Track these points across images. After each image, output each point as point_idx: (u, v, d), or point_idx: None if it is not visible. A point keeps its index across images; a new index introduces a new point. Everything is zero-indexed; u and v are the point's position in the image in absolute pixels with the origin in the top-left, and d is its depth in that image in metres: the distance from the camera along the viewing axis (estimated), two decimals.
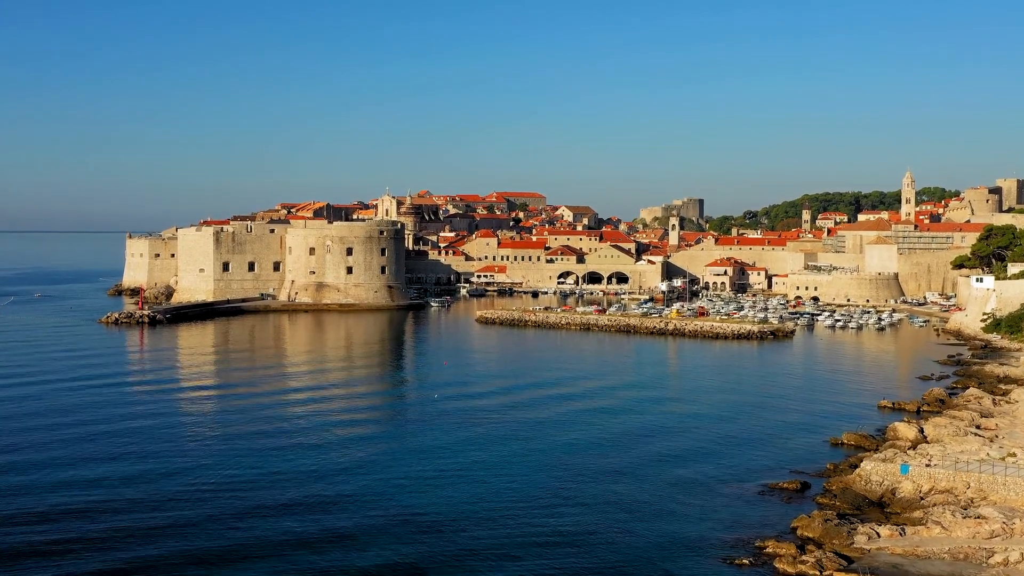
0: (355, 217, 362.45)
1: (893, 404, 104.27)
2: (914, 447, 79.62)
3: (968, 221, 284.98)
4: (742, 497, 69.36)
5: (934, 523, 59.40)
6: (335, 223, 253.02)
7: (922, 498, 66.04)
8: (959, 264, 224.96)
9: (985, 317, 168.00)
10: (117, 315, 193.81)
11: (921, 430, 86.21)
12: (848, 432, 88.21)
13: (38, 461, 78.13)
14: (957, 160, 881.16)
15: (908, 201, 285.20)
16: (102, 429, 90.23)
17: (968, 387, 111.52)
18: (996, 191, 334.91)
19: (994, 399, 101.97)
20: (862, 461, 74.98)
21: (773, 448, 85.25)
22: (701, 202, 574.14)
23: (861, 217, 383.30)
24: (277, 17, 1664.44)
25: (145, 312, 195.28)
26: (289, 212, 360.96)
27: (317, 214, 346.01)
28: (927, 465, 69.17)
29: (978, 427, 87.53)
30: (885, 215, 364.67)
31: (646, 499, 68.65)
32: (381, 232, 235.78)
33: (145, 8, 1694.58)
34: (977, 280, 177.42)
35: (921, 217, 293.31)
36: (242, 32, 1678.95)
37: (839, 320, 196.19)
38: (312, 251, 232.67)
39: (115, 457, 79.63)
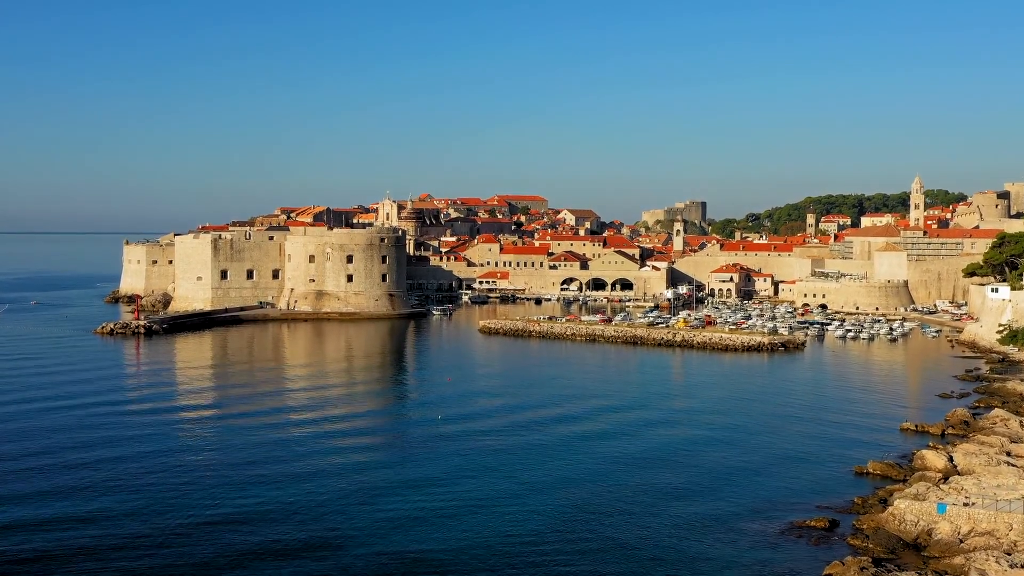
0: (355, 221, 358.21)
1: (916, 427, 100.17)
2: (945, 479, 75.61)
3: (977, 227, 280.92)
4: (767, 538, 65.16)
5: (978, 572, 55.34)
6: (335, 230, 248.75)
7: (961, 540, 61.97)
8: (971, 272, 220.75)
9: (1001, 328, 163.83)
10: (113, 325, 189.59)
11: (950, 458, 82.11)
12: (873, 460, 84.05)
13: (24, 490, 74.16)
14: (961, 163, 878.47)
15: (917, 207, 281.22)
16: (91, 455, 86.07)
17: (992, 407, 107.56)
18: (1004, 196, 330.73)
19: (1021, 421, 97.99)
20: (892, 495, 71.18)
21: (794, 479, 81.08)
22: (704, 204, 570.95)
23: (864, 220, 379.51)
24: (277, 19, 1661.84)
25: (141, 323, 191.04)
26: (289, 217, 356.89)
27: (317, 219, 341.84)
28: (965, 504, 65.09)
29: (1008, 454, 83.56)
30: (889, 218, 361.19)
31: (663, 540, 64.41)
32: (382, 239, 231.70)
33: (145, 8, 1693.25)
34: (992, 290, 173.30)
35: (929, 222, 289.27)
36: (241, 34, 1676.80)
37: (850, 330, 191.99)
38: (312, 259, 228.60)
39: (103, 487, 75.55)
